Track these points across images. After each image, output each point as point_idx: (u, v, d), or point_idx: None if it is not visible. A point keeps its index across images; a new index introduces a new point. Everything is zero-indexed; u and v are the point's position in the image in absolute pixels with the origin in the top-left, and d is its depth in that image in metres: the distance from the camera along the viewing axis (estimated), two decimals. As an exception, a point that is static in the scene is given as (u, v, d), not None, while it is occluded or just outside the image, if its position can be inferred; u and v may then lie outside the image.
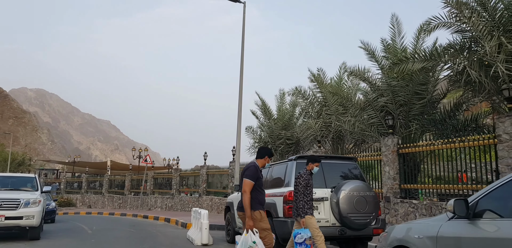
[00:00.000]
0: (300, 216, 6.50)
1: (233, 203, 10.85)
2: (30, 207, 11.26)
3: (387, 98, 12.38)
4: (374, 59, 13.39)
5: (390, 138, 12.29)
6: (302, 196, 6.56)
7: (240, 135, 16.05)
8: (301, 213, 6.50)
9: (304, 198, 6.55)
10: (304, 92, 17.00)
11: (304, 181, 6.63)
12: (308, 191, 6.61)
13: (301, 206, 6.53)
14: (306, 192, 6.58)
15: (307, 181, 6.64)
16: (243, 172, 5.59)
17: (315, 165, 6.87)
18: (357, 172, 8.11)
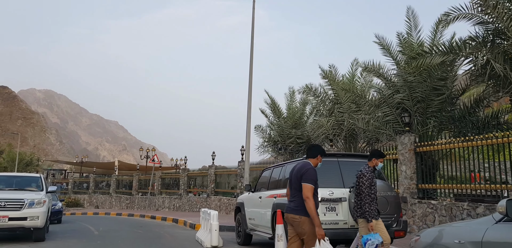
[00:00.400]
0: (366, 219, 5.93)
1: (243, 203, 10.44)
2: (35, 207, 10.92)
3: (403, 95, 11.88)
4: (389, 54, 12.90)
5: (406, 136, 11.79)
6: (367, 198, 5.99)
7: (249, 133, 15.63)
8: (368, 217, 5.92)
9: (369, 199, 5.98)
10: (315, 90, 16.53)
11: (368, 180, 6.05)
12: (373, 191, 6.04)
13: (367, 209, 5.94)
14: (371, 193, 6.01)
15: (371, 179, 6.06)
16: (299, 174, 5.10)
17: (380, 161, 6.31)
18: (377, 171, 7.63)
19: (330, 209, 7.02)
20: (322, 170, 7.22)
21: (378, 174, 7.60)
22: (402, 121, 12.15)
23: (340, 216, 7.02)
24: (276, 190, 8.33)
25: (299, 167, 5.20)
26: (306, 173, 5.07)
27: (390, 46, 12.73)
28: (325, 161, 7.35)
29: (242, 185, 20.83)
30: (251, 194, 10.07)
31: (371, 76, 15.64)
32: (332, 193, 7.03)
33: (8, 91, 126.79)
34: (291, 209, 5.12)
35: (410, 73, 11.51)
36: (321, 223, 6.88)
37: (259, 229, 9.37)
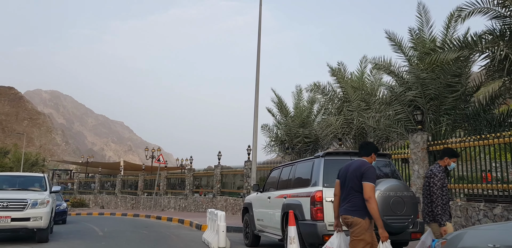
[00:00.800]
0: (439, 223, 5.58)
1: (251, 204, 10.14)
2: (38, 207, 10.69)
3: (416, 92, 11.52)
4: (400, 51, 12.54)
5: (419, 135, 11.44)
6: (439, 199, 5.63)
7: (256, 132, 15.33)
8: (440, 220, 5.57)
9: (441, 201, 5.62)
10: (324, 88, 16.18)
11: (440, 180, 5.68)
12: (445, 193, 5.68)
13: (439, 212, 5.60)
14: (442, 194, 5.65)
15: (443, 180, 5.70)
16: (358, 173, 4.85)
17: (453, 161, 5.93)
18: (391, 170, 7.32)
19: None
20: (335, 169, 6.89)
21: (392, 173, 7.28)
22: (414, 119, 11.80)
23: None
24: (286, 190, 8.02)
25: (357, 166, 4.92)
26: (367, 171, 4.81)
27: (401, 42, 12.36)
28: (338, 159, 7.07)
29: (248, 185, 20.53)
30: (259, 194, 9.77)
31: (381, 74, 15.29)
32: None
33: (14, 92, 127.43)
34: (347, 210, 4.85)
35: (423, 69, 11.15)
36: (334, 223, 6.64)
37: (268, 230, 9.06)
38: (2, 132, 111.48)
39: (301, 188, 7.31)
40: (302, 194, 7.11)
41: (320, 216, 6.55)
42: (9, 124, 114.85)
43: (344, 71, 15.66)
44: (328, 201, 6.61)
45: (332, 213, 6.55)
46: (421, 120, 11.59)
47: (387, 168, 7.33)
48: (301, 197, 7.12)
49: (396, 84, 12.73)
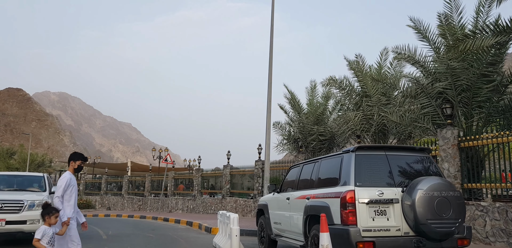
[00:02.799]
0: None
1: (267, 205, 9.23)
2: (35, 209, 9.89)
3: (445, 83, 10.53)
4: (426, 40, 11.55)
5: (449, 130, 10.46)
6: None
7: (269, 129, 14.42)
8: None
9: None
10: (341, 82, 15.21)
11: None
12: None
13: None
14: None
15: None
16: None
17: None
18: (432, 167, 6.36)
19: (379, 212, 5.75)
20: (368, 166, 6.02)
21: (433, 170, 6.33)
22: (443, 113, 10.82)
23: (392, 221, 5.75)
24: (309, 190, 7.10)
25: None
26: None
27: (427, 29, 11.37)
28: (371, 155, 6.14)
29: (259, 185, 19.67)
30: (276, 195, 8.85)
31: (402, 66, 14.35)
32: (382, 193, 5.78)
33: (23, 94, 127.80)
34: None
35: (454, 58, 10.17)
36: (368, 228, 5.71)
37: (286, 235, 8.15)
38: (11, 133, 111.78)
39: (328, 187, 6.38)
40: (329, 194, 6.18)
41: (353, 220, 5.62)
42: (17, 125, 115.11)
43: (363, 64, 14.69)
44: (361, 202, 5.69)
45: (367, 217, 5.65)
46: (450, 114, 10.62)
47: (427, 164, 6.37)
48: (328, 198, 6.19)
49: (422, 75, 11.75)
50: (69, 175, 5.93)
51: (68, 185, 5.83)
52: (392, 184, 5.95)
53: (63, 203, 5.75)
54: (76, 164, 6.05)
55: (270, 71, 14.53)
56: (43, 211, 5.44)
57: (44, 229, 5.34)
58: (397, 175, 6.06)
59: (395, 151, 6.34)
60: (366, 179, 5.89)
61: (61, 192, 5.75)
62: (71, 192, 5.87)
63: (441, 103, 10.94)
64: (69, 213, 5.77)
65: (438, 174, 6.26)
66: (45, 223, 5.40)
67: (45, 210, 5.43)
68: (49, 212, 5.41)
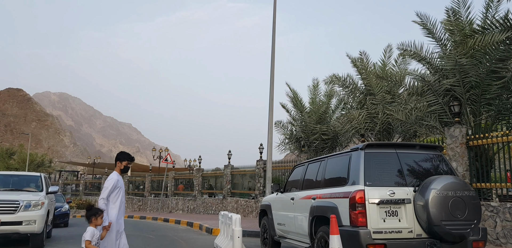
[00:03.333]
0: None
1: (270, 206, 8.94)
2: (31, 210, 9.60)
3: (453, 80, 10.22)
4: (433, 36, 11.25)
5: (457, 128, 10.17)
6: None
7: (272, 128, 14.11)
8: None
9: None
10: (344, 80, 14.89)
11: None
12: None
13: None
14: None
15: None
16: None
17: None
18: (445, 165, 6.07)
19: (390, 213, 5.46)
20: (378, 164, 5.73)
21: (448, 169, 6.04)
22: (451, 111, 10.52)
23: (404, 223, 5.46)
24: (315, 189, 6.80)
25: None
26: None
27: (434, 25, 11.06)
28: (381, 153, 5.85)
29: (261, 185, 19.39)
30: (279, 195, 8.56)
31: (407, 64, 14.04)
32: (393, 193, 5.48)
33: (23, 94, 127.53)
34: None
35: (462, 54, 9.87)
36: (379, 230, 5.42)
37: (290, 236, 7.86)
38: (11, 134, 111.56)
39: (336, 187, 6.09)
40: (337, 194, 5.89)
41: (362, 221, 5.33)
42: (17, 126, 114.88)
43: (367, 62, 14.37)
44: (371, 203, 5.39)
45: (377, 218, 5.36)
46: (458, 112, 10.32)
47: (439, 162, 6.08)
48: (336, 198, 5.90)
49: (429, 72, 11.45)
50: (116, 176, 5.70)
51: (114, 186, 5.62)
52: (403, 183, 5.66)
53: (108, 205, 5.55)
54: (122, 164, 5.82)
55: (272, 67, 14.23)
56: (88, 212, 5.30)
57: (92, 230, 5.20)
58: (408, 173, 5.77)
59: (406, 148, 6.05)
60: (376, 178, 5.60)
61: (107, 194, 5.55)
62: (117, 194, 5.66)
63: (448, 101, 10.65)
64: (114, 216, 5.56)
65: (451, 173, 5.96)
66: (91, 224, 5.26)
67: (91, 211, 5.30)
68: (95, 212, 5.28)
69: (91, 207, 5.37)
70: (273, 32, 14.52)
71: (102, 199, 5.54)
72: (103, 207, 5.45)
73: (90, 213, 5.28)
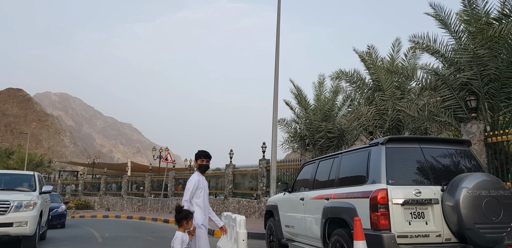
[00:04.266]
0: None
1: (277, 206, 8.36)
2: (22, 211, 9.05)
3: (470, 73, 9.64)
4: (446, 28, 10.65)
5: (474, 124, 9.59)
6: None
7: (276, 125, 13.53)
8: None
9: None
10: (351, 76, 14.30)
11: None
12: None
13: None
14: None
15: None
16: None
17: None
18: (473, 161, 5.49)
19: (416, 215, 4.88)
20: (401, 160, 5.14)
21: (477, 165, 5.45)
22: (467, 106, 9.94)
23: (431, 226, 4.87)
24: (328, 189, 6.21)
25: None
26: None
27: (449, 16, 10.47)
28: (403, 148, 5.27)
29: (264, 185, 18.84)
30: (287, 195, 7.98)
31: (417, 58, 13.46)
32: (419, 192, 4.90)
33: (23, 94, 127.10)
34: None
35: (480, 45, 9.28)
36: (404, 234, 4.84)
37: (299, 240, 7.28)
38: (11, 134, 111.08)
39: (353, 186, 5.50)
40: (355, 194, 5.30)
41: (385, 224, 4.75)
42: (17, 126, 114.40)
43: (376, 56, 13.77)
44: (395, 203, 4.81)
45: (402, 220, 4.78)
46: (475, 107, 9.74)
47: (468, 158, 5.49)
48: (353, 199, 5.31)
49: (442, 66, 10.86)
50: (197, 176, 5.39)
51: (196, 187, 5.31)
52: (429, 182, 5.08)
53: (191, 208, 5.21)
54: (196, 163, 5.50)
55: (276, 60, 13.64)
56: (178, 215, 4.87)
57: (181, 236, 4.77)
58: (434, 171, 5.19)
59: (430, 143, 5.46)
60: (399, 175, 5.02)
61: (189, 196, 5.25)
62: (200, 194, 5.35)
63: (464, 95, 10.07)
64: (199, 220, 5.25)
65: (481, 170, 5.38)
66: (181, 229, 4.82)
67: (181, 214, 4.86)
68: (186, 216, 4.84)
69: (181, 209, 4.92)
70: (277, 22, 13.94)
71: (185, 202, 5.21)
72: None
73: (181, 216, 4.83)
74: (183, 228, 4.81)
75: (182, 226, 4.80)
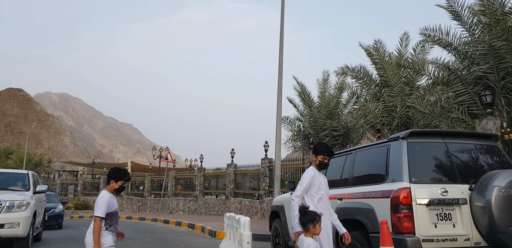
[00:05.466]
0: None
1: (283, 207, 7.87)
2: (15, 211, 8.60)
3: (486, 67, 9.17)
4: (459, 20, 10.19)
5: (490, 120, 9.10)
6: None
7: (280, 123, 13.05)
8: None
9: None
10: (358, 71, 13.82)
11: None
12: None
13: None
14: None
15: None
16: None
17: None
18: (502, 157, 5.02)
19: (443, 217, 4.41)
20: (424, 156, 4.66)
21: (507, 161, 4.98)
22: (482, 101, 9.47)
23: (459, 228, 4.40)
24: (340, 188, 5.75)
25: None
26: None
27: (462, 7, 9.99)
28: (426, 143, 4.80)
29: (266, 185, 18.38)
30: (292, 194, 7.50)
31: (426, 52, 12.99)
32: (446, 191, 4.43)
33: (23, 94, 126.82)
34: None
35: (497, 37, 8.81)
36: (430, 238, 4.36)
37: (308, 243, 6.79)
38: (11, 134, 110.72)
39: (370, 185, 5.03)
40: (373, 193, 4.83)
41: (409, 226, 4.27)
42: (17, 126, 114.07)
43: (383, 50, 13.28)
44: (419, 204, 4.34)
45: (427, 222, 4.30)
46: (491, 103, 9.27)
47: (496, 154, 5.02)
48: (371, 198, 4.84)
49: (456, 59, 10.39)
50: (312, 172, 4.57)
51: (311, 184, 4.48)
52: (455, 180, 4.61)
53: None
54: (316, 158, 4.64)
55: (280, 56, 13.16)
56: (303, 217, 4.06)
57: (308, 243, 3.95)
58: (460, 168, 4.72)
59: (456, 137, 4.99)
60: (423, 173, 4.55)
61: (301, 192, 4.46)
62: (316, 193, 4.52)
63: (479, 90, 9.59)
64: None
65: (511, 167, 4.91)
66: (308, 234, 4.01)
67: (307, 216, 4.04)
68: (313, 218, 4.01)
69: (305, 211, 4.11)
70: (281, 14, 13.46)
71: (296, 197, 4.43)
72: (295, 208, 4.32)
73: (306, 219, 4.03)
74: (310, 233, 4.00)
75: (309, 231, 3.99)
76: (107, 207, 4.27)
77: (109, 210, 4.29)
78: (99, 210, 4.23)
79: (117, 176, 4.42)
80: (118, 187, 4.42)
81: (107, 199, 4.29)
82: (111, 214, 4.33)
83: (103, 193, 4.37)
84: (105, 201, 4.27)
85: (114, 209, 4.37)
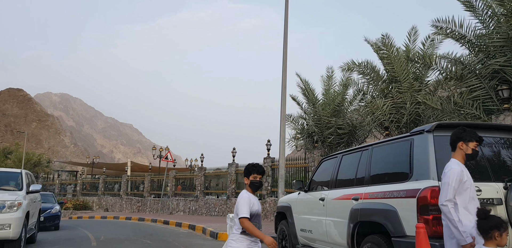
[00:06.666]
0: None
1: (290, 207, 7.41)
2: (5, 212, 8.14)
3: (503, 60, 8.70)
4: (473, 11, 9.71)
5: (508, 116, 8.65)
6: None
7: (284, 121, 12.56)
8: None
9: None
10: (365, 66, 13.33)
11: None
12: None
13: None
14: None
15: None
16: None
17: None
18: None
19: (476, 219, 3.92)
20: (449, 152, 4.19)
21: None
22: (498, 96, 8.99)
23: (495, 232, 3.92)
24: (356, 187, 5.27)
25: None
26: None
27: None
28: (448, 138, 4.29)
29: (268, 184, 17.93)
30: (302, 194, 7.04)
31: (435, 47, 12.51)
32: (479, 190, 3.95)
33: (23, 94, 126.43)
34: None
35: None
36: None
37: (318, 245, 6.34)
38: (11, 134, 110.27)
39: (390, 183, 4.55)
40: (395, 193, 4.35)
41: (439, 229, 3.79)
42: (17, 126, 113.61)
43: (391, 45, 12.78)
44: (450, 204, 3.85)
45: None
46: (508, 97, 8.80)
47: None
48: (392, 199, 4.36)
49: (469, 52, 9.91)
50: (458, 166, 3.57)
51: (459, 180, 3.46)
52: (488, 178, 4.13)
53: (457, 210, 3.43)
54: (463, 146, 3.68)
55: (284, 50, 12.66)
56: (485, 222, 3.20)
57: None
58: (493, 164, 4.24)
59: (486, 130, 4.51)
60: None
61: (452, 193, 3.42)
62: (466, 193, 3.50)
63: (495, 85, 9.12)
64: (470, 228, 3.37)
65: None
66: (490, 243, 3.16)
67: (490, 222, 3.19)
68: (499, 225, 3.16)
69: (487, 214, 3.25)
70: (285, 9, 12.98)
71: (447, 202, 3.41)
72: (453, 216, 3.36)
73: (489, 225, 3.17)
74: (493, 243, 3.15)
75: (492, 240, 3.15)
76: (249, 205, 3.77)
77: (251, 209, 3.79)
78: (241, 212, 3.75)
79: (247, 171, 4.00)
80: (249, 183, 3.95)
81: (246, 198, 3.83)
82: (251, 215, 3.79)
83: (242, 193, 3.94)
84: (244, 199, 3.81)
85: (254, 210, 3.83)
